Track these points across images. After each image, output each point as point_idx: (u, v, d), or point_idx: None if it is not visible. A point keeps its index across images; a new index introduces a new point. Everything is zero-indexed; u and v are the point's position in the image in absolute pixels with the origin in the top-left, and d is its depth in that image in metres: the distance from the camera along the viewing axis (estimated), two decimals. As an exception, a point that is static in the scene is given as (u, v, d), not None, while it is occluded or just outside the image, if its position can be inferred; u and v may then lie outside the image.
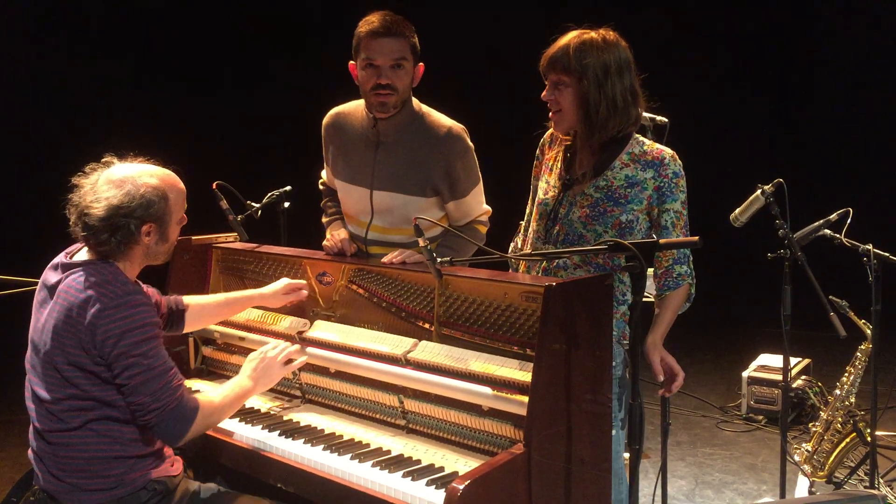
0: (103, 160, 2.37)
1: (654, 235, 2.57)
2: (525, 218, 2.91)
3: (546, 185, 2.71)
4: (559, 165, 2.69)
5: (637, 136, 2.62)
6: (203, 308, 2.82)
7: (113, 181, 2.28)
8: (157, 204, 2.31)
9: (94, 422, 2.23)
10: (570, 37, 2.52)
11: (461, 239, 2.89)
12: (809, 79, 8.66)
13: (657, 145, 2.62)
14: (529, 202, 2.89)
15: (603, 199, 2.56)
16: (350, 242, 2.92)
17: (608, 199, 2.55)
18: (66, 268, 2.30)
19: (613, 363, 2.44)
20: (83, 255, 2.34)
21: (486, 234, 3.09)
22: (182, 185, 2.43)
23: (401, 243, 2.90)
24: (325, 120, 3.08)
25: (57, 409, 2.24)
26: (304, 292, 2.85)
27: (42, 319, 2.29)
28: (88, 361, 2.19)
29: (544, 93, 2.58)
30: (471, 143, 2.95)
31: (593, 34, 2.51)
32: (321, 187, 3.29)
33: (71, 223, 2.31)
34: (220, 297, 2.87)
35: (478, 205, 3.04)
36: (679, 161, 2.59)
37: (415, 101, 2.94)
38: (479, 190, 3.03)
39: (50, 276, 2.35)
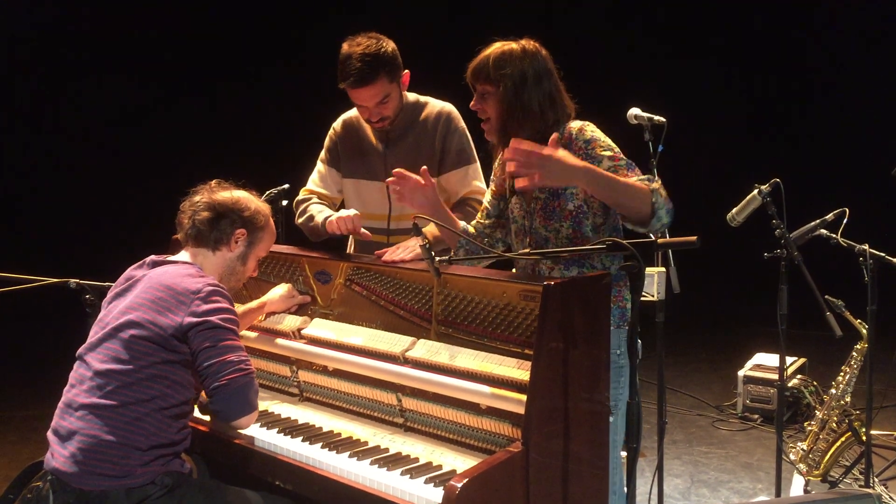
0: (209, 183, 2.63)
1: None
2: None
3: (512, 204, 2.72)
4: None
5: (570, 124, 2.56)
6: None
7: (229, 192, 2.59)
8: (257, 220, 2.59)
9: (132, 405, 2.27)
10: (492, 49, 2.60)
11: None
12: (806, 78, 8.67)
13: (571, 124, 2.57)
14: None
15: (548, 198, 2.59)
16: (360, 220, 2.94)
17: (551, 196, 2.59)
18: (156, 264, 2.50)
19: (618, 351, 2.48)
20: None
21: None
22: (275, 232, 2.70)
23: None
24: (335, 124, 3.25)
25: (102, 381, 2.29)
26: (307, 297, 2.88)
27: (125, 300, 2.42)
28: (169, 335, 2.30)
29: (472, 102, 2.66)
30: (462, 124, 3.14)
31: (513, 45, 2.59)
32: (305, 194, 3.26)
33: (179, 218, 2.57)
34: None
35: (469, 182, 3.13)
36: (588, 127, 2.54)
37: (410, 95, 3.15)
38: (473, 169, 3.14)
39: (135, 271, 2.52)
